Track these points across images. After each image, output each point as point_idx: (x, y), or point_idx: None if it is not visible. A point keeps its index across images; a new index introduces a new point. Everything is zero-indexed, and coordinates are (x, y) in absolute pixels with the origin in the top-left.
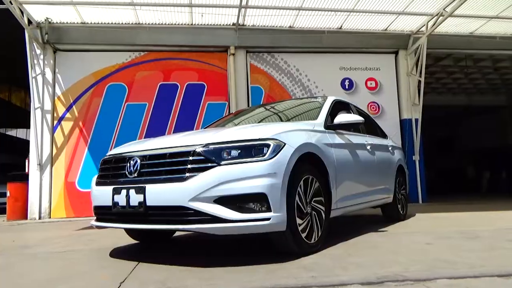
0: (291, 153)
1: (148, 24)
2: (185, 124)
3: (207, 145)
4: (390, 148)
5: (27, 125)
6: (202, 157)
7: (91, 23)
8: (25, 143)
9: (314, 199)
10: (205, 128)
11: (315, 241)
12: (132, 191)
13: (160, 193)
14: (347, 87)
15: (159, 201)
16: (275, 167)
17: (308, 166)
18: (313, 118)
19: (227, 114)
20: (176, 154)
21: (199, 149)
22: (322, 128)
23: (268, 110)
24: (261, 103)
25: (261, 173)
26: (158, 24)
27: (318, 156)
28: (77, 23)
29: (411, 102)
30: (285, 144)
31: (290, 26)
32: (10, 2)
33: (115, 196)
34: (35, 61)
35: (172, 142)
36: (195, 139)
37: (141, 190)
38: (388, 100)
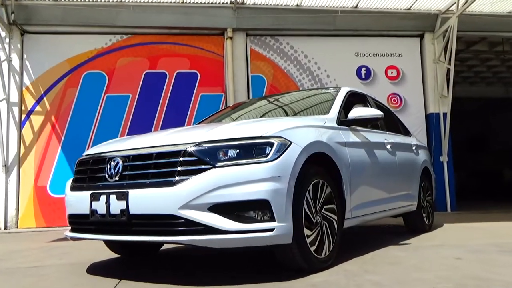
0: (298, 153)
1: (132, 2)
2: (175, 119)
3: (200, 143)
4: (413, 148)
5: None
6: (194, 158)
7: (64, 0)
8: None
9: (325, 207)
10: (198, 124)
11: (326, 255)
12: (112, 197)
13: (145, 200)
14: (363, 76)
15: (144, 209)
16: (279, 170)
17: (318, 169)
18: (324, 113)
19: (223, 108)
20: (164, 154)
21: (190, 149)
22: (335, 124)
23: (272, 103)
24: (264, 95)
25: (263, 176)
26: (143, 2)
27: (330, 157)
28: (49, 0)
29: (439, 94)
30: (291, 142)
31: (297, 5)
32: None
33: (93, 203)
34: None
35: (159, 140)
36: (186, 137)
37: (123, 196)
38: (412, 91)
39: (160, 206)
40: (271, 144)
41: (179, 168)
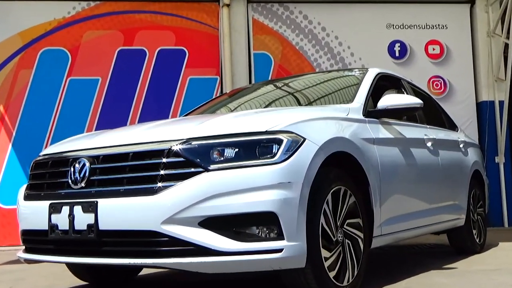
0: (314, 153)
1: None
2: (156, 109)
3: (188, 140)
4: (461, 146)
5: None
6: (181, 159)
7: None
8: None
9: (347, 221)
10: (185, 116)
11: (349, 283)
12: (77, 209)
13: (119, 212)
14: (397, 54)
15: (117, 224)
16: (289, 174)
17: (339, 173)
18: (346, 101)
19: (218, 95)
20: (143, 154)
21: (176, 147)
22: (360, 116)
23: (280, 89)
24: (269, 78)
25: (269, 182)
26: None
27: (354, 158)
28: None
29: (494, 77)
30: (304, 139)
31: None
32: None
33: (53, 216)
34: None
35: (137, 136)
36: (171, 132)
37: (91, 207)
38: (459, 73)
39: (138, 220)
40: (279, 141)
41: (162, 172)
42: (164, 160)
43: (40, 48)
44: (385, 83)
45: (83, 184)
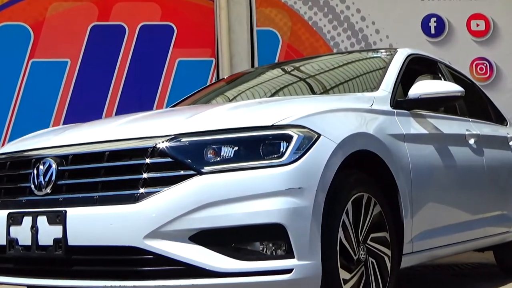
0: (331, 152)
1: None
2: (138, 99)
3: (177, 137)
4: (511, 143)
5: None
6: (168, 159)
7: None
8: None
9: (371, 235)
10: (173, 107)
11: None
12: (42, 220)
13: (92, 224)
14: (433, 31)
15: (91, 239)
16: (301, 178)
17: (362, 176)
18: (370, 89)
19: (214, 81)
20: (122, 154)
21: (162, 145)
22: (388, 107)
23: (289, 73)
24: (276, 61)
25: (275, 188)
26: None
27: (380, 158)
28: None
29: None
30: (319, 135)
31: None
32: None
33: (12, 229)
34: None
35: (114, 131)
36: (156, 127)
37: (58, 218)
38: (509, 55)
39: (116, 233)
40: (288, 138)
41: (145, 175)
42: (148, 160)
43: None
44: (417, 67)
45: (48, 190)
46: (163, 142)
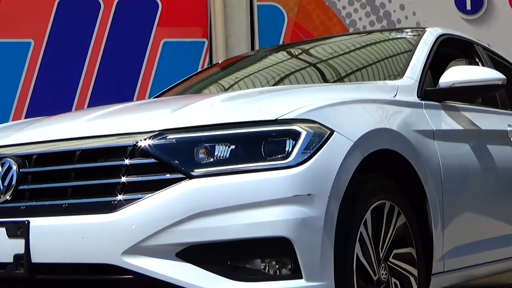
0: (347, 152)
1: None
2: (115, 87)
3: (162, 133)
4: None
5: None
6: (151, 160)
7: None
8: None
9: (394, 251)
10: (158, 97)
11: None
12: (0, 232)
13: (61, 238)
14: (469, 6)
15: (59, 255)
16: (310, 183)
17: (383, 181)
18: (394, 76)
19: (206, 67)
20: (97, 153)
21: (145, 143)
22: (415, 98)
23: (297, 57)
24: (281, 42)
25: (280, 194)
26: None
27: (405, 159)
28: None
29: None
30: (332, 132)
31: None
32: None
33: None
34: None
35: (87, 126)
36: (138, 121)
37: (20, 231)
38: None
39: (89, 249)
40: (295, 135)
41: (123, 179)
42: (127, 161)
43: None
44: (450, 50)
45: (8, 197)
46: (145, 139)
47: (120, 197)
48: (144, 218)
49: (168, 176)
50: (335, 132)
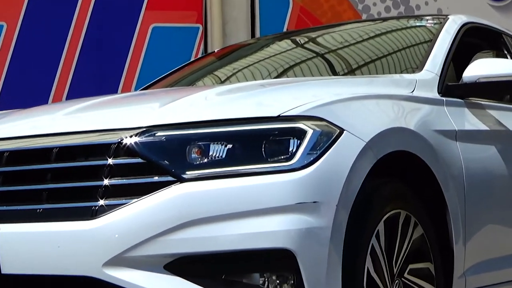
0: (358, 154)
1: None
2: (97, 77)
3: (150, 130)
4: None
5: None
6: (138, 160)
7: None
8: None
9: (410, 266)
10: (145, 89)
11: None
12: None
13: (34, 246)
14: None
15: (31, 266)
16: (316, 189)
17: (398, 187)
18: (411, 69)
19: (200, 56)
20: (76, 152)
21: (130, 140)
22: (435, 94)
23: (303, 47)
24: (285, 29)
25: (282, 201)
26: None
27: (423, 162)
28: None
29: None
30: (342, 131)
31: None
32: None
33: None
34: None
35: (65, 121)
36: (123, 116)
37: None
38: None
39: (66, 259)
40: (300, 134)
41: (106, 182)
42: (110, 161)
43: None
44: (475, 40)
45: None
46: (131, 136)
47: (101, 202)
48: (128, 226)
49: (156, 178)
50: (345, 131)
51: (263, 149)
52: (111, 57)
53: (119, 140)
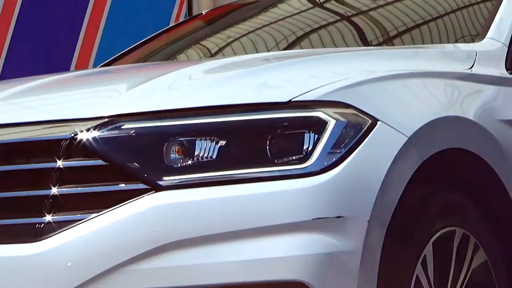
0: (397, 153)
1: None
2: (42, 50)
3: (114, 121)
4: None
5: None
6: (97, 162)
7: None
8: None
9: None
10: (106, 66)
11: None
12: None
13: None
14: None
15: None
16: (341, 200)
17: (452, 198)
18: (469, 37)
19: (182, 20)
20: (15, 150)
21: (87, 135)
22: (501, 70)
23: (321, 7)
24: None
25: (293, 217)
26: None
27: (487, 164)
28: None
29: None
30: (375, 121)
31: None
32: None
33: None
34: None
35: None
36: (77, 102)
37: None
38: None
39: None
40: (319, 125)
41: (54, 190)
42: (60, 163)
43: None
44: None
45: None
46: (88, 130)
47: (49, 217)
48: (85, 251)
49: (122, 186)
50: (379, 122)
51: (268, 147)
52: (61, 23)
53: (72, 135)
